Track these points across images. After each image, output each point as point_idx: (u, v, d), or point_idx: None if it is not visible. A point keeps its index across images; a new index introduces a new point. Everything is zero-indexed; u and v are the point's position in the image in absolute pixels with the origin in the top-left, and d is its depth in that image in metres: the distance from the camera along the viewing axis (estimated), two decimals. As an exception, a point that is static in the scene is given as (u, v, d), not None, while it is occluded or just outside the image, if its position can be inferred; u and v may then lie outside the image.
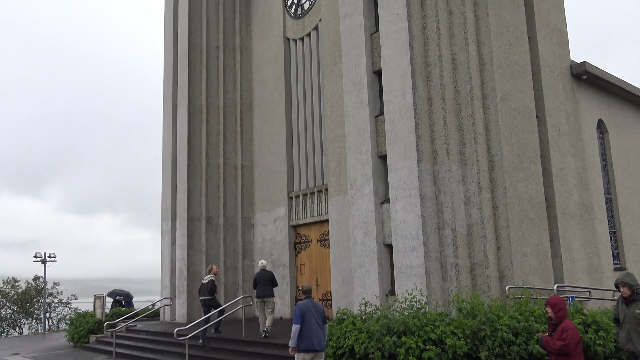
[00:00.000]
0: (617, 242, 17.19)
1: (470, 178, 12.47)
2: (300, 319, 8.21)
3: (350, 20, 14.61)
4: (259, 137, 20.04)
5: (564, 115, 15.32)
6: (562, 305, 6.62)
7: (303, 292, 8.81)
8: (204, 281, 14.76)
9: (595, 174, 16.33)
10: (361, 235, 13.36)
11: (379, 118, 13.72)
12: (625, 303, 7.10)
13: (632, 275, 7.08)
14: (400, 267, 12.22)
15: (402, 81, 12.72)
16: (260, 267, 13.88)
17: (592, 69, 16.29)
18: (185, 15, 20.45)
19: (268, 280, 13.57)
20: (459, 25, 13.10)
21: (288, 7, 19.53)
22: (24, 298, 30.12)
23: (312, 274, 17.63)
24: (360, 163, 13.65)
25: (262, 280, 13.57)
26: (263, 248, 19.32)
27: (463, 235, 12.24)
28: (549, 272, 13.27)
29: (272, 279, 13.65)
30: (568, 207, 14.54)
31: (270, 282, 13.60)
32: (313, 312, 8.33)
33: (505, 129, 12.90)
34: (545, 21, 15.39)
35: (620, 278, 7.07)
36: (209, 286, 14.53)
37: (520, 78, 13.88)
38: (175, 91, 20.76)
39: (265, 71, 20.08)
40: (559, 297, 6.77)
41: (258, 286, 13.61)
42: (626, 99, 18.92)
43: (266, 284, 13.53)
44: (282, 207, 18.63)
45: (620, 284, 7.05)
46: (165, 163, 20.73)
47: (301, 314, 8.23)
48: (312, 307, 8.39)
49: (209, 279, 14.66)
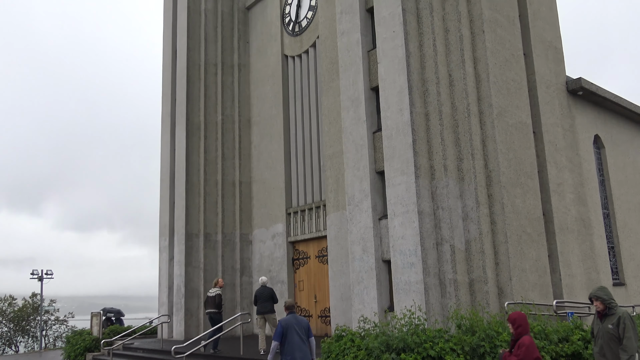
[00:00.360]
0: (615, 257, 17.18)
1: (468, 194, 12.49)
2: (280, 335, 8.29)
3: (347, 38, 14.75)
4: (257, 153, 20.08)
5: (560, 130, 15.40)
6: (522, 321, 6.55)
7: (286, 307, 8.89)
8: (211, 294, 14.66)
9: (593, 189, 16.37)
10: (359, 251, 13.33)
11: (376, 134, 13.78)
12: (599, 317, 6.97)
13: (606, 289, 6.97)
14: (398, 283, 12.18)
15: (399, 97, 12.81)
16: (261, 284, 13.89)
17: (588, 85, 16.41)
18: (184, 33, 20.61)
19: (269, 297, 13.59)
20: (455, 43, 13.23)
21: (286, 25, 19.71)
22: (20, 316, 29.89)
23: (310, 291, 17.55)
24: (358, 179, 13.68)
25: (263, 297, 13.58)
26: (261, 264, 19.25)
27: (461, 251, 12.22)
28: (547, 288, 13.23)
29: (273, 295, 13.67)
30: (566, 223, 14.55)
31: (271, 298, 13.61)
32: (296, 328, 8.38)
33: (502, 144, 12.96)
34: (540, 38, 15.55)
35: (593, 292, 6.97)
36: (217, 300, 14.46)
37: (517, 94, 13.98)
38: (174, 108, 20.85)
39: (263, 88, 20.19)
40: (519, 313, 6.69)
41: (259, 302, 13.60)
42: (622, 115, 19.04)
43: (267, 300, 13.54)
44: (281, 223, 18.61)
45: (593, 298, 6.92)
46: (164, 179, 20.74)
47: (282, 330, 8.31)
48: (295, 322, 8.45)
49: (215, 293, 14.57)
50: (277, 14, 19.98)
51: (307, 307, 17.56)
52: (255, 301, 13.76)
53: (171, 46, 21.33)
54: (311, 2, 18.68)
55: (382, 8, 13.68)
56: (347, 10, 14.99)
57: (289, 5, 19.67)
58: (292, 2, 19.56)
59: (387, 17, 13.45)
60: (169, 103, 21.02)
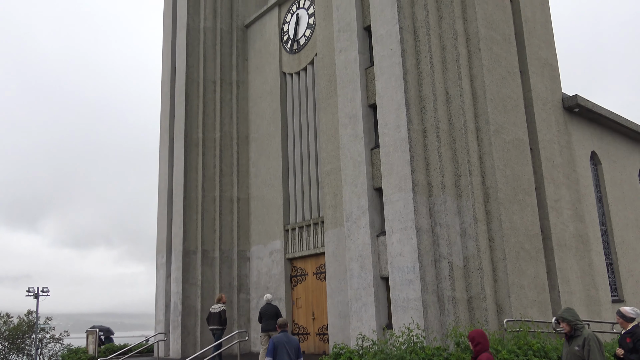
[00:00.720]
0: (614, 273, 17.14)
1: (465, 210, 12.50)
2: (272, 351, 8.44)
3: (345, 55, 14.87)
4: (255, 169, 20.10)
5: (557, 147, 15.47)
6: (481, 338, 6.52)
7: (279, 326, 9.02)
8: (215, 310, 14.56)
9: (590, 205, 16.39)
10: (357, 268, 13.28)
11: (374, 151, 13.82)
12: (566, 339, 6.86)
13: (572, 310, 6.87)
14: (397, 301, 12.12)
15: (396, 114, 12.88)
16: (266, 301, 13.92)
17: (584, 102, 16.53)
18: (183, 51, 20.75)
19: (273, 314, 13.64)
20: (452, 60, 13.35)
21: (284, 43, 19.87)
22: (15, 334, 29.61)
23: (308, 308, 17.44)
24: (356, 195, 13.68)
25: (267, 314, 13.62)
26: (259, 281, 19.16)
27: (460, 268, 12.19)
28: (546, 305, 13.18)
29: (278, 313, 13.73)
30: (564, 239, 14.55)
31: (275, 315, 13.64)
32: (286, 346, 8.53)
33: (500, 161, 13.00)
34: (536, 56, 15.70)
35: (559, 313, 6.87)
36: (222, 316, 14.38)
37: (513, 111, 14.07)
38: (172, 124, 20.91)
39: (261, 105, 20.29)
40: (478, 330, 6.66)
41: (263, 320, 13.62)
42: (618, 131, 19.14)
43: (271, 317, 13.58)
44: (278, 239, 18.56)
45: (559, 319, 6.83)
46: (162, 196, 20.72)
47: (274, 347, 8.45)
48: (286, 341, 8.60)
49: (220, 309, 14.48)
50: (275, 32, 20.16)
51: (304, 324, 17.44)
52: (260, 318, 13.75)
53: (170, 64, 21.46)
54: (309, 21, 18.87)
55: (379, 26, 13.82)
56: (344, 28, 15.14)
57: (287, 23, 19.86)
58: (291, 21, 19.75)
59: (385, 35, 13.58)
60: (167, 120, 21.09)
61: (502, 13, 14.77)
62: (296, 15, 19.46)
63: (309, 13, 18.91)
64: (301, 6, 19.35)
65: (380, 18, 13.85)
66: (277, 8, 20.24)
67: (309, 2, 18.95)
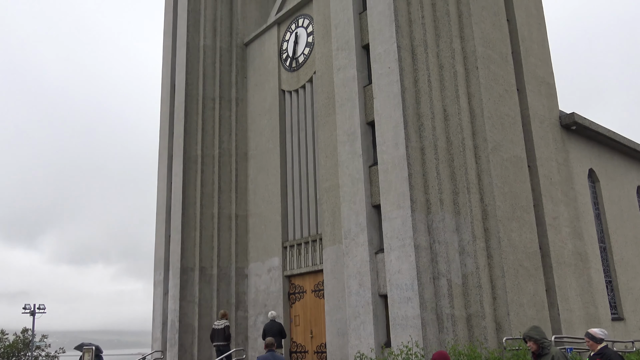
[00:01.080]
0: (613, 291, 17.08)
1: (464, 227, 12.50)
2: None
3: (344, 73, 14.99)
4: (253, 186, 20.12)
5: (555, 164, 15.52)
6: None
7: (265, 345, 9.07)
8: (218, 327, 14.46)
9: (589, 222, 16.40)
10: (356, 286, 13.23)
11: (372, 168, 13.85)
12: (533, 358, 6.78)
13: (539, 328, 6.82)
14: (395, 318, 12.05)
15: (394, 132, 12.94)
16: (270, 318, 13.96)
17: (581, 119, 16.63)
18: (182, 68, 20.90)
19: (277, 332, 13.64)
20: (450, 78, 13.45)
21: (283, 61, 20.03)
22: (10, 351, 29.33)
23: (306, 326, 17.33)
24: (354, 212, 13.69)
25: (272, 332, 13.62)
26: (257, 299, 19.05)
27: (458, 286, 12.15)
28: (546, 323, 13.11)
29: (281, 331, 13.73)
30: (563, 257, 14.52)
31: (279, 333, 13.66)
32: None
33: (498, 178, 13.03)
34: (533, 74, 15.83)
35: (525, 332, 6.83)
36: (226, 332, 14.30)
37: (511, 129, 14.15)
38: (171, 141, 20.97)
39: (260, 122, 20.38)
40: (442, 352, 6.67)
41: (267, 337, 13.56)
42: (616, 149, 19.22)
43: (275, 335, 13.60)
44: (277, 256, 18.50)
45: (526, 338, 6.76)
46: (160, 213, 20.69)
47: None
48: None
49: (223, 324, 14.39)
50: (274, 50, 20.33)
51: (302, 342, 17.31)
52: (263, 336, 13.74)
53: (170, 81, 21.59)
54: (308, 39, 19.05)
55: (377, 45, 13.95)
56: (343, 47, 15.29)
57: (287, 41, 20.04)
58: (290, 39, 19.93)
59: (383, 53, 13.71)
60: (166, 136, 21.15)
61: (499, 32, 14.92)
62: (295, 34, 19.65)
63: (307, 32, 19.10)
64: (300, 25, 19.55)
65: (378, 37, 13.99)
66: (277, 27, 20.44)
67: (307, 20, 19.16)
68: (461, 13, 14.10)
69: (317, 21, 18.13)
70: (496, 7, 15.17)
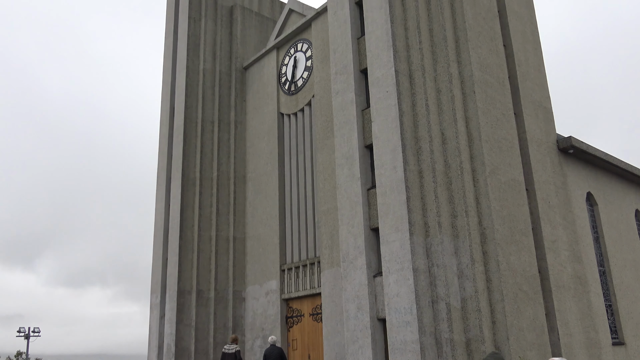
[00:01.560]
0: (613, 315, 16.96)
1: (462, 251, 12.46)
2: None
3: (342, 97, 15.11)
4: (251, 209, 20.09)
5: (553, 188, 15.55)
6: None
7: None
8: (229, 351, 14.31)
9: (588, 246, 16.36)
10: (354, 310, 13.13)
11: (370, 191, 13.87)
12: None
13: (498, 354, 6.78)
14: (394, 343, 11.94)
15: (393, 155, 12.99)
16: (270, 343, 13.91)
17: (578, 143, 16.72)
18: (182, 91, 21.06)
19: (277, 356, 13.57)
20: (447, 102, 13.57)
21: (282, 84, 20.21)
22: (4, 376, 28.90)
23: (304, 350, 17.13)
24: (352, 235, 13.66)
25: (272, 356, 13.57)
26: (254, 322, 18.87)
27: (457, 309, 12.06)
28: (546, 347, 12.99)
29: (282, 356, 13.75)
30: (562, 280, 14.45)
31: (280, 358, 13.66)
32: None
33: (496, 201, 13.05)
34: (530, 98, 15.97)
35: (484, 358, 6.83)
36: (237, 356, 14.17)
37: (509, 152, 14.21)
38: (170, 164, 21.01)
39: (259, 145, 20.45)
40: None
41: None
42: (613, 172, 19.29)
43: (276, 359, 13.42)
44: (274, 279, 18.38)
45: None
46: (157, 235, 20.61)
47: None
48: None
49: (235, 349, 14.26)
50: (273, 73, 20.52)
51: (300, 367, 17.09)
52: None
53: (169, 104, 21.74)
54: (307, 63, 19.25)
55: (375, 69, 14.10)
56: (341, 71, 15.44)
57: (285, 65, 20.24)
58: (289, 63, 20.14)
59: (381, 77, 13.84)
60: (165, 159, 21.20)
61: (495, 57, 15.10)
62: (294, 58, 19.86)
63: (306, 56, 19.31)
64: (299, 49, 19.77)
65: (376, 61, 14.14)
66: (276, 51, 20.67)
67: (306, 45, 19.38)
68: (458, 38, 14.28)
69: (316, 46, 18.34)
70: (493, 32, 15.38)
